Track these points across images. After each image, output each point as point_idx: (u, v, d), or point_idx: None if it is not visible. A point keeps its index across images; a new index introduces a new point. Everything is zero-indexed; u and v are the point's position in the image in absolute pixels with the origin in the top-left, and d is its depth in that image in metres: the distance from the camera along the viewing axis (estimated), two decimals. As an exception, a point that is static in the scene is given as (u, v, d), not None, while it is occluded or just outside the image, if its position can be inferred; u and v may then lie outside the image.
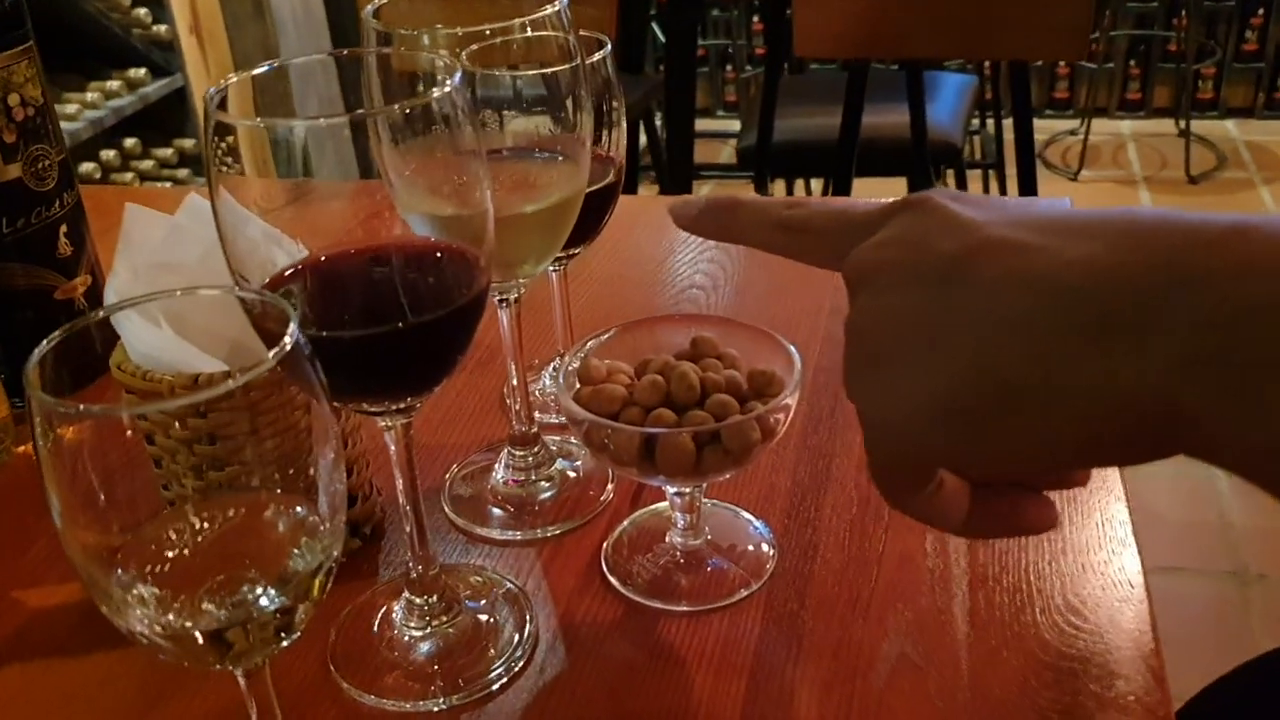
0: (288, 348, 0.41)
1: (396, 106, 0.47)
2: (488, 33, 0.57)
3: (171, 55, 2.61)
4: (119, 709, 0.58)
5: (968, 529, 0.41)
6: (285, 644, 0.45)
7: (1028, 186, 1.68)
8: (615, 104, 0.68)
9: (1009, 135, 3.33)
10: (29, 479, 0.77)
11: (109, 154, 2.45)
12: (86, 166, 2.36)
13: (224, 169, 0.49)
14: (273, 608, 0.43)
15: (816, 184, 2.84)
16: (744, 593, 0.61)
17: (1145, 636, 0.56)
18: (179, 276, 0.65)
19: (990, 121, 3.37)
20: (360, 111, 0.46)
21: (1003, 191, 2.91)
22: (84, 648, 0.62)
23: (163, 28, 2.56)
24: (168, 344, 0.61)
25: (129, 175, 2.51)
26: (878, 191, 1.94)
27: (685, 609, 0.60)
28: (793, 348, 0.60)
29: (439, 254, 0.52)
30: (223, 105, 0.49)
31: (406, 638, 0.59)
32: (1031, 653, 0.56)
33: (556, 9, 0.58)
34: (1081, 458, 0.37)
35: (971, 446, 0.36)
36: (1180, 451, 0.34)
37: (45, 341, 0.43)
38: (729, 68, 4.19)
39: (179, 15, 2.60)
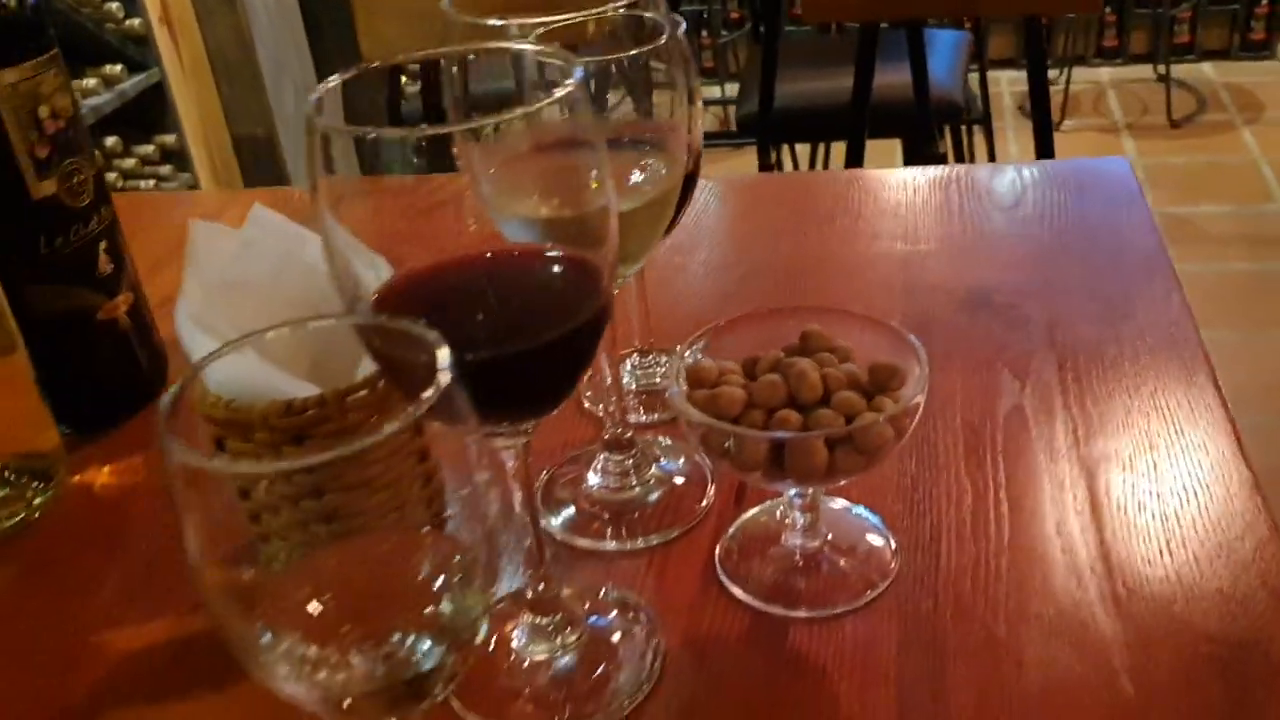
0: (444, 385, 0.38)
1: (521, 110, 0.43)
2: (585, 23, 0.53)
3: (146, 49, 2.53)
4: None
5: None
6: (440, 697, 0.42)
7: (1044, 143, 1.65)
8: (691, 84, 0.65)
9: (991, 89, 3.30)
10: (88, 511, 0.73)
11: (89, 155, 2.39)
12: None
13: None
14: (432, 661, 0.40)
15: (803, 149, 2.80)
16: (871, 594, 0.58)
17: (1306, 620, 0.54)
18: (250, 294, 0.62)
19: (973, 76, 3.35)
20: (496, 117, 0.43)
21: (990, 146, 2.88)
22: (182, 688, 0.59)
23: (136, 21, 2.49)
24: (250, 368, 0.57)
25: (113, 175, 2.45)
26: (876, 153, 1.92)
27: (814, 614, 0.58)
28: (913, 337, 0.57)
29: (555, 261, 0.49)
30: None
31: (528, 662, 0.56)
32: (1188, 645, 0.54)
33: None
34: None
35: None
36: None
37: (173, 389, 0.39)
38: (704, 33, 4.14)
39: (150, 6, 2.52)
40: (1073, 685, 0.52)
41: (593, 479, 0.67)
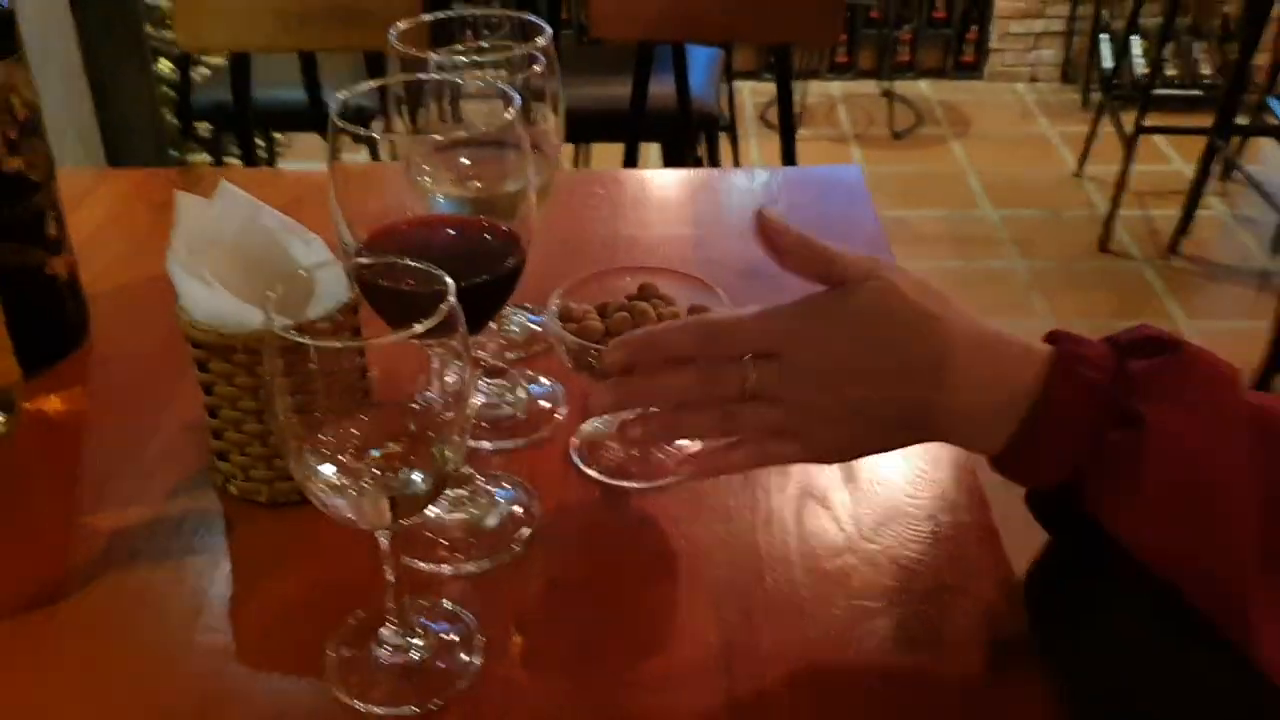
0: (452, 303, 0.59)
1: (484, 124, 0.65)
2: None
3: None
4: (204, 596, 0.74)
5: None
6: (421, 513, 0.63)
7: (789, 149, 1.96)
8: (558, 95, 0.86)
9: (735, 98, 3.64)
10: (48, 431, 0.89)
11: None
12: None
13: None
14: (423, 486, 0.62)
15: (567, 149, 3.06)
16: (676, 478, 0.83)
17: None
18: (222, 249, 0.80)
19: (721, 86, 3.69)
20: (471, 134, 0.64)
21: (735, 151, 3.21)
22: (179, 553, 0.77)
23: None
24: (225, 303, 0.76)
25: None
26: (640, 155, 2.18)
27: (645, 485, 0.82)
28: (719, 289, 0.82)
29: (489, 228, 0.71)
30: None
31: (446, 521, 0.78)
32: (907, 508, 0.80)
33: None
34: None
35: None
36: None
37: (269, 292, 0.59)
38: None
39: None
40: (828, 533, 0.78)
41: (476, 398, 0.89)
